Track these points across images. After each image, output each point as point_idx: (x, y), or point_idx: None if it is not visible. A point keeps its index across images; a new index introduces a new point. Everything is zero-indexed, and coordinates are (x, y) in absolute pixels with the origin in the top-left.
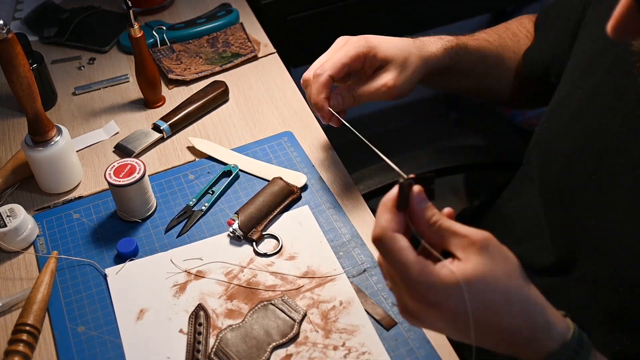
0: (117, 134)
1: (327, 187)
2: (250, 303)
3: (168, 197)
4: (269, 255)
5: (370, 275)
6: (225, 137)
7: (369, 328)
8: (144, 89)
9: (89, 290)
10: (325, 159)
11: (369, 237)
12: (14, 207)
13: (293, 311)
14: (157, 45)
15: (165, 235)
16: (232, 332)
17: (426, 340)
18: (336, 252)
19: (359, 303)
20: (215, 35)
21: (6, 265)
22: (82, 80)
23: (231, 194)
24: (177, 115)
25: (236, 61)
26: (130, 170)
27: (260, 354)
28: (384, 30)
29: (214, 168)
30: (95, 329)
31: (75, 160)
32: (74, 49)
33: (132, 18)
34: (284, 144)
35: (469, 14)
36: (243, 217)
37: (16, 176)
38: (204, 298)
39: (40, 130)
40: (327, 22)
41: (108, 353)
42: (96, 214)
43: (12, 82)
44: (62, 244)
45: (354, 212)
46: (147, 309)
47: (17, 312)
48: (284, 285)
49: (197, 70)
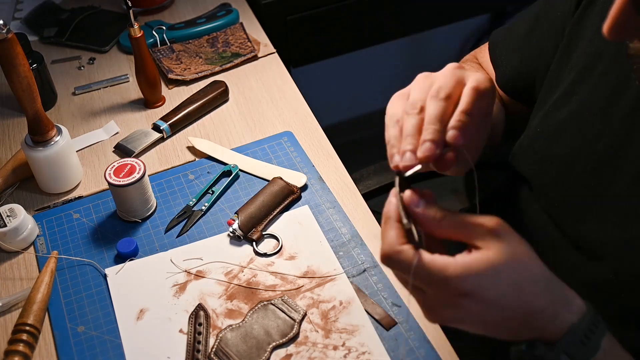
0: (117, 134)
1: (327, 187)
2: (250, 303)
3: (168, 197)
4: (269, 255)
5: (370, 275)
6: (225, 137)
7: (369, 328)
8: (144, 89)
9: (89, 290)
10: (325, 159)
11: (369, 237)
12: (14, 207)
13: (293, 311)
14: (157, 45)
15: (165, 235)
16: (232, 332)
17: (426, 340)
18: (336, 252)
19: (359, 303)
20: (215, 35)
21: (6, 265)
22: (82, 80)
23: (231, 194)
24: (177, 115)
25: (236, 61)
26: (130, 170)
27: (260, 353)
28: (384, 30)
29: (214, 168)
30: (95, 329)
31: (75, 160)
32: (74, 49)
33: (132, 18)
34: (284, 144)
35: (469, 14)
36: (243, 217)
37: (16, 176)
38: (204, 298)
39: (40, 130)
40: (327, 22)
41: (108, 353)
42: (96, 214)
43: (12, 82)
44: (62, 244)
45: (354, 212)
46: (147, 309)
47: (17, 312)
48: (284, 285)
49: (197, 70)
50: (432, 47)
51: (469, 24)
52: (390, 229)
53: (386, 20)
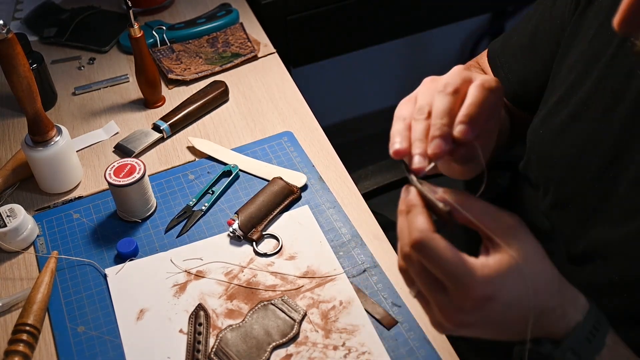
0: (117, 134)
1: (327, 187)
2: (250, 303)
3: (168, 197)
4: (269, 255)
5: (370, 275)
6: (225, 137)
7: (369, 328)
8: (144, 89)
9: (89, 290)
10: (325, 159)
11: (369, 237)
12: (14, 207)
13: (293, 311)
14: (157, 45)
15: (165, 235)
16: (232, 332)
17: (426, 340)
18: (336, 252)
19: (359, 303)
20: (215, 35)
21: (6, 265)
22: (82, 80)
23: (231, 194)
24: (177, 115)
25: (236, 61)
26: (130, 170)
27: (260, 354)
28: (384, 30)
29: (214, 168)
30: (95, 329)
31: (75, 160)
32: (74, 49)
33: (132, 18)
34: (284, 144)
35: (469, 14)
36: (243, 217)
37: (16, 176)
38: (204, 298)
39: (40, 130)
40: (327, 22)
41: (108, 353)
42: (96, 214)
43: (12, 82)
44: (62, 244)
45: (354, 212)
46: (147, 309)
47: (17, 312)
48: (284, 285)
49: (197, 70)
50: (432, 47)
51: (469, 24)
52: (417, 214)
53: (386, 20)
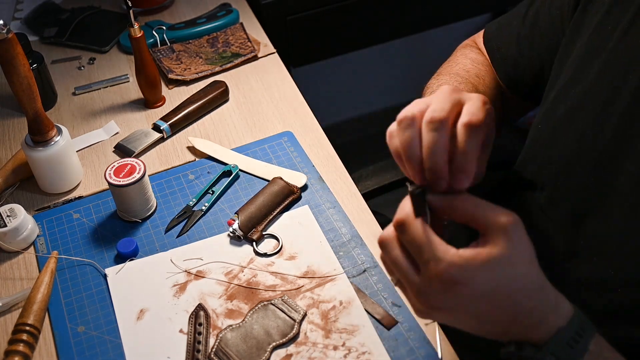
0: (117, 134)
1: (327, 187)
2: (250, 303)
3: (168, 197)
4: (269, 255)
5: (370, 275)
6: (225, 137)
7: (369, 328)
8: (144, 89)
9: (89, 290)
10: (325, 159)
11: (369, 237)
12: (14, 207)
13: (293, 311)
14: (157, 45)
15: (165, 235)
16: (232, 332)
17: (426, 341)
18: (336, 252)
19: (359, 303)
20: (215, 35)
21: (6, 265)
22: (82, 80)
23: (231, 194)
24: (177, 115)
25: (236, 61)
26: (130, 170)
27: (260, 354)
28: (384, 30)
29: (214, 168)
30: (95, 329)
31: (75, 160)
32: (74, 49)
33: (132, 18)
34: (284, 144)
35: (469, 14)
36: (243, 217)
37: (16, 176)
38: (204, 298)
39: (40, 130)
40: (327, 22)
41: (108, 353)
42: (96, 214)
43: (12, 82)
44: (62, 244)
45: (354, 212)
46: (147, 309)
47: (17, 312)
48: (284, 285)
49: (197, 70)
50: (432, 47)
51: (469, 24)
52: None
53: (386, 20)
